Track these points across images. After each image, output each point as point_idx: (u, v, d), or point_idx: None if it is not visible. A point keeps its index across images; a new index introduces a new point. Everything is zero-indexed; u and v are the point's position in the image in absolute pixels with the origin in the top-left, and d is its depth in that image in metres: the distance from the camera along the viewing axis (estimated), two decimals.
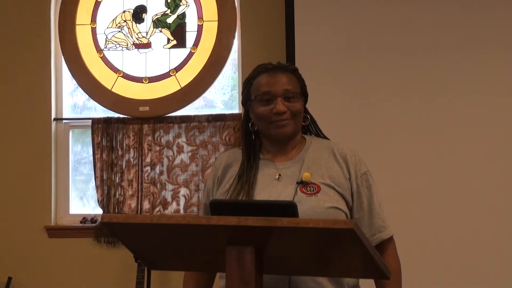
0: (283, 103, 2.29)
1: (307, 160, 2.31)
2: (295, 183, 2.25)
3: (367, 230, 2.29)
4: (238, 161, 2.37)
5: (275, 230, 1.77)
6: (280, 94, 2.29)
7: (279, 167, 2.32)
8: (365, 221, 2.30)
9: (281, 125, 2.30)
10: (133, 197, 4.90)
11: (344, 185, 2.28)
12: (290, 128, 2.31)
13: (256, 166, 2.33)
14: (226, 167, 2.38)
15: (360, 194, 2.30)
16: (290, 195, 2.23)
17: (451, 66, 4.30)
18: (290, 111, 2.29)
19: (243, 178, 2.31)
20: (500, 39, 4.29)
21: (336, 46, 4.41)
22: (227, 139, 4.86)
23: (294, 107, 2.30)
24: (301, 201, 2.19)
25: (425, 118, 4.29)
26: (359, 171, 2.31)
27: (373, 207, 2.31)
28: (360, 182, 2.30)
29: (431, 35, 4.33)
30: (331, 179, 2.27)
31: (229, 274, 1.84)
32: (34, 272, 4.92)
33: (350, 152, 2.33)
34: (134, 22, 5.06)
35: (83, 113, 5.14)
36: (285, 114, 2.29)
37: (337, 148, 2.34)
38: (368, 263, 1.83)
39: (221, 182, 2.37)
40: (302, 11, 4.43)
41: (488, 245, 4.17)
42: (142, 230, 1.89)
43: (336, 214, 2.23)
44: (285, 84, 2.31)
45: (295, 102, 2.30)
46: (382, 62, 4.35)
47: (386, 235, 2.32)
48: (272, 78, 2.32)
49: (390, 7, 4.38)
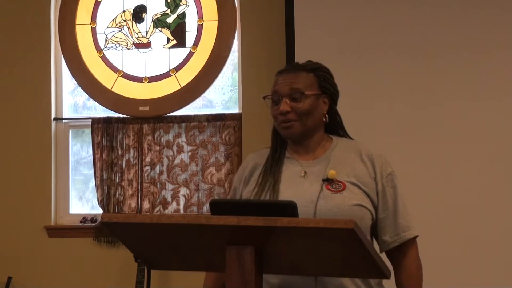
0: (288, 103, 2.28)
1: (333, 159, 2.31)
2: (321, 181, 2.26)
3: (392, 230, 2.31)
4: (264, 159, 2.38)
5: (275, 230, 1.77)
6: (286, 94, 2.29)
7: (304, 165, 2.32)
8: (389, 220, 2.31)
9: (286, 126, 2.31)
10: (133, 197, 4.90)
11: (370, 185, 2.29)
12: (295, 129, 2.30)
13: (281, 162, 2.34)
14: (253, 167, 2.39)
15: (385, 194, 2.30)
16: (316, 192, 2.23)
17: (452, 66, 4.30)
18: (295, 111, 2.28)
19: (268, 174, 2.32)
20: (500, 39, 4.29)
21: (336, 46, 4.41)
22: (227, 139, 4.86)
23: (300, 107, 2.28)
24: (327, 198, 2.21)
25: (426, 118, 4.28)
26: (384, 171, 2.32)
27: (398, 207, 2.31)
28: (386, 182, 2.31)
29: (432, 35, 4.33)
30: (357, 177, 2.28)
31: (229, 274, 1.84)
32: (34, 272, 4.92)
33: (376, 152, 2.34)
34: (134, 22, 5.06)
35: (83, 113, 5.14)
36: (290, 114, 2.29)
37: (364, 149, 2.34)
38: (368, 263, 1.83)
39: (248, 182, 2.38)
40: (302, 11, 4.43)
41: (489, 245, 4.17)
42: (142, 230, 1.89)
43: (361, 212, 2.24)
44: (292, 83, 2.30)
45: (302, 101, 2.29)
46: (382, 62, 4.35)
47: (410, 235, 2.33)
48: (282, 77, 2.33)
49: (390, 7, 4.38)
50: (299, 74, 2.32)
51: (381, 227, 2.31)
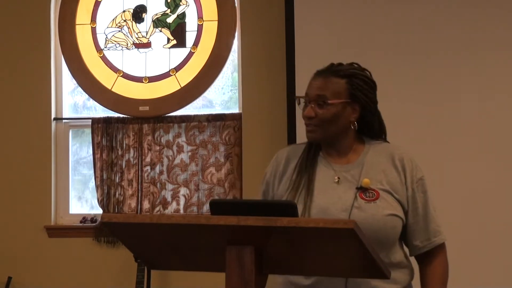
0: (314, 108, 2.28)
1: (366, 164, 2.31)
2: (355, 188, 2.26)
3: (423, 235, 2.31)
4: (297, 157, 2.37)
5: (275, 230, 1.77)
6: (313, 99, 2.30)
7: (336, 169, 2.32)
8: (420, 225, 2.31)
9: (308, 130, 2.31)
10: (133, 197, 4.90)
11: (401, 191, 2.29)
12: (317, 135, 2.31)
13: (315, 162, 2.34)
14: (287, 162, 2.39)
15: (416, 199, 2.30)
16: (350, 200, 2.24)
17: (453, 66, 4.30)
18: (318, 118, 2.28)
19: (302, 174, 2.32)
20: (501, 39, 4.29)
21: (336, 46, 4.41)
22: (227, 139, 4.86)
23: (323, 114, 2.28)
24: (361, 207, 2.22)
25: (426, 117, 4.28)
26: (415, 176, 2.31)
27: (429, 212, 2.32)
28: (416, 187, 2.31)
29: (432, 35, 4.33)
30: (389, 184, 2.28)
31: (229, 274, 1.84)
32: (34, 272, 4.92)
33: (407, 157, 2.34)
34: (134, 22, 5.06)
35: (83, 113, 5.14)
36: (313, 120, 2.29)
37: (396, 152, 2.34)
38: (368, 263, 1.83)
39: (282, 178, 2.38)
40: (302, 11, 4.43)
41: (490, 245, 4.17)
42: (142, 230, 1.89)
43: (393, 221, 2.25)
44: (321, 89, 2.29)
45: (326, 109, 2.28)
46: (382, 62, 4.35)
47: (440, 240, 2.34)
48: (314, 80, 2.33)
49: (390, 7, 4.38)
50: (330, 79, 2.30)
51: (411, 232, 2.32)
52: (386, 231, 2.23)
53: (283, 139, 4.51)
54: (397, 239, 2.28)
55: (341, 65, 2.35)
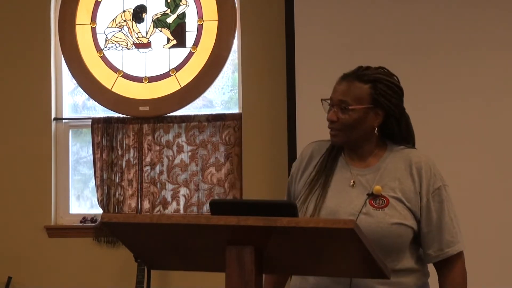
0: (336, 112, 2.29)
1: (383, 170, 2.31)
2: (366, 194, 2.26)
3: (436, 245, 2.30)
4: (321, 154, 2.39)
5: (275, 230, 1.77)
6: (336, 103, 2.30)
7: (354, 173, 2.33)
8: (433, 235, 2.29)
9: (332, 134, 2.32)
10: (133, 197, 4.90)
11: (414, 200, 2.28)
12: (339, 139, 2.31)
13: (335, 163, 2.35)
14: (310, 158, 2.41)
15: (430, 209, 2.29)
16: (360, 205, 2.25)
17: (453, 66, 4.30)
18: (340, 122, 2.29)
19: (321, 174, 2.34)
20: (501, 39, 4.29)
21: (336, 46, 4.41)
22: (227, 139, 4.86)
23: (345, 119, 2.28)
24: (369, 214, 2.23)
25: (427, 117, 4.28)
26: (432, 186, 2.30)
27: (444, 223, 2.29)
28: (432, 197, 2.29)
29: (432, 35, 4.33)
30: (402, 192, 2.28)
31: (229, 274, 1.84)
32: (34, 272, 4.92)
33: (427, 165, 2.32)
34: (134, 22, 5.06)
35: (83, 113, 5.14)
36: (335, 124, 2.29)
37: (415, 160, 2.31)
38: (368, 263, 1.83)
39: (304, 173, 2.39)
40: (302, 11, 4.43)
41: (490, 245, 4.17)
42: (142, 230, 1.89)
43: (399, 230, 2.24)
44: (343, 94, 2.29)
45: (348, 114, 2.28)
46: (382, 62, 4.29)
47: (454, 250, 2.31)
48: (338, 85, 2.32)
49: (390, 7, 4.38)
50: (354, 84, 2.30)
51: (424, 241, 2.31)
52: (391, 239, 2.22)
53: (283, 139, 4.51)
54: (405, 247, 2.27)
55: (368, 69, 2.35)
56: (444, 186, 2.33)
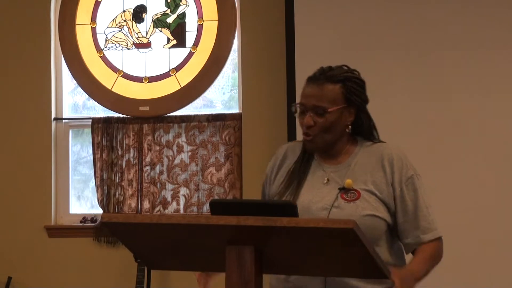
0: (312, 116, 2.30)
1: (354, 165, 2.34)
2: (337, 189, 2.28)
3: (413, 233, 2.30)
4: (296, 155, 2.41)
5: (275, 230, 1.77)
6: (310, 109, 2.31)
7: (327, 170, 2.35)
8: (410, 224, 2.30)
9: (308, 140, 2.33)
10: (133, 197, 4.90)
11: (386, 191, 2.30)
12: (317, 143, 2.33)
13: (308, 165, 2.37)
14: (284, 158, 2.44)
15: (405, 198, 2.30)
16: (332, 200, 2.27)
17: (453, 66, 4.30)
18: (318, 126, 2.30)
19: (294, 176, 2.36)
20: (502, 38, 4.29)
21: (336, 46, 4.41)
22: (227, 139, 4.86)
23: (323, 122, 2.30)
24: (340, 207, 2.25)
25: (428, 116, 4.28)
26: (404, 175, 2.32)
27: (419, 210, 2.31)
28: (405, 186, 2.31)
29: (432, 34, 4.32)
30: (374, 185, 2.30)
31: (229, 274, 1.84)
32: (34, 272, 4.92)
33: (397, 156, 2.34)
34: (134, 22, 5.06)
35: (83, 113, 5.14)
36: (312, 129, 2.31)
37: (386, 153, 2.34)
38: (368, 263, 1.83)
39: (277, 173, 2.42)
40: (302, 11, 4.43)
41: (490, 245, 4.17)
42: (142, 230, 1.89)
43: (373, 221, 2.26)
44: (317, 98, 2.30)
45: (325, 117, 2.29)
46: (382, 62, 4.35)
47: (431, 236, 2.32)
48: (309, 89, 2.33)
49: (390, 7, 4.38)
50: (325, 86, 2.31)
51: (402, 231, 2.32)
52: (364, 232, 2.23)
53: (283, 139, 4.50)
54: (379, 240, 2.28)
55: (332, 69, 2.36)
56: (417, 175, 2.34)
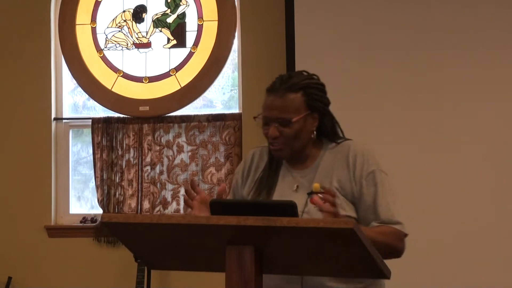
0: (277, 128, 2.30)
1: (321, 168, 2.34)
2: (306, 194, 2.27)
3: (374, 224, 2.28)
4: (264, 161, 2.42)
5: (275, 230, 1.77)
6: (274, 120, 2.31)
7: (295, 176, 2.36)
8: (370, 217, 2.29)
9: (275, 149, 2.34)
10: (133, 197, 4.90)
11: (348, 187, 2.30)
12: (284, 153, 2.34)
13: (277, 173, 2.38)
14: (251, 164, 2.45)
15: (363, 194, 2.30)
16: (302, 206, 2.25)
17: (453, 65, 4.29)
18: (283, 136, 2.31)
19: (264, 184, 2.37)
20: (502, 38, 4.29)
21: (336, 46, 4.40)
22: (227, 139, 4.86)
23: (287, 132, 2.30)
24: (310, 212, 2.24)
25: (428, 116, 4.28)
26: (365, 171, 2.31)
27: (378, 205, 2.29)
28: (365, 181, 2.31)
29: (432, 34, 4.32)
30: (340, 184, 2.30)
31: (229, 274, 1.84)
32: (34, 272, 4.92)
33: (360, 152, 2.34)
34: (134, 22, 5.06)
35: (83, 113, 5.14)
36: (278, 139, 2.31)
37: (352, 149, 2.35)
38: (368, 263, 1.83)
39: (247, 180, 2.43)
40: (302, 11, 4.43)
41: (490, 245, 4.17)
42: (142, 230, 1.89)
43: None
44: (281, 109, 2.30)
45: (290, 127, 2.30)
46: (382, 62, 4.35)
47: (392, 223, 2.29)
48: (270, 101, 2.33)
49: (390, 7, 4.38)
50: (286, 97, 2.31)
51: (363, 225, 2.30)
52: None
53: None
54: None
55: (292, 77, 2.35)
56: (379, 170, 2.33)
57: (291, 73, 2.40)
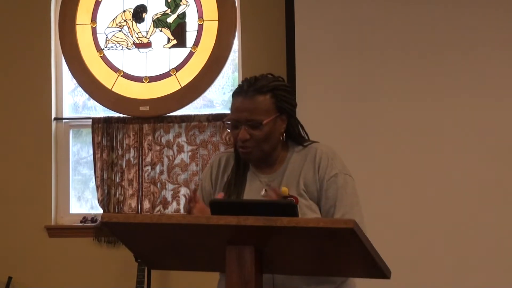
0: (247, 130, 2.30)
1: (287, 172, 2.35)
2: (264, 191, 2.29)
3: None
4: (230, 166, 2.42)
5: (275, 230, 1.77)
6: (243, 123, 2.31)
7: (263, 180, 2.36)
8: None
9: (245, 152, 2.34)
10: (133, 197, 4.90)
11: (314, 189, 2.31)
12: (255, 155, 2.34)
13: (244, 179, 2.38)
14: (219, 170, 2.44)
15: (327, 195, 2.30)
16: None
17: (453, 66, 4.29)
18: (254, 139, 2.31)
19: (231, 190, 2.36)
20: (501, 39, 4.29)
21: (336, 46, 4.40)
22: (227, 139, 4.86)
23: (258, 134, 2.30)
24: None
25: (428, 116, 4.28)
26: (328, 174, 2.32)
27: (339, 206, 2.28)
28: (328, 184, 2.31)
29: (432, 34, 4.32)
30: (306, 186, 2.31)
31: (229, 274, 1.84)
32: (34, 272, 4.92)
33: (325, 155, 2.35)
34: (134, 22, 5.06)
35: (83, 113, 5.14)
36: (248, 142, 2.31)
37: (318, 151, 2.35)
38: (368, 263, 1.83)
39: (216, 185, 2.42)
40: (302, 11, 4.43)
41: (489, 245, 4.17)
42: (142, 229, 1.89)
43: None
44: (251, 112, 2.30)
45: (260, 129, 2.30)
46: (382, 62, 4.35)
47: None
48: (240, 104, 2.33)
49: (390, 7, 4.38)
50: (255, 99, 2.31)
51: None
52: None
53: None
54: None
55: (259, 80, 2.35)
56: (343, 174, 2.33)
57: (257, 76, 2.39)
